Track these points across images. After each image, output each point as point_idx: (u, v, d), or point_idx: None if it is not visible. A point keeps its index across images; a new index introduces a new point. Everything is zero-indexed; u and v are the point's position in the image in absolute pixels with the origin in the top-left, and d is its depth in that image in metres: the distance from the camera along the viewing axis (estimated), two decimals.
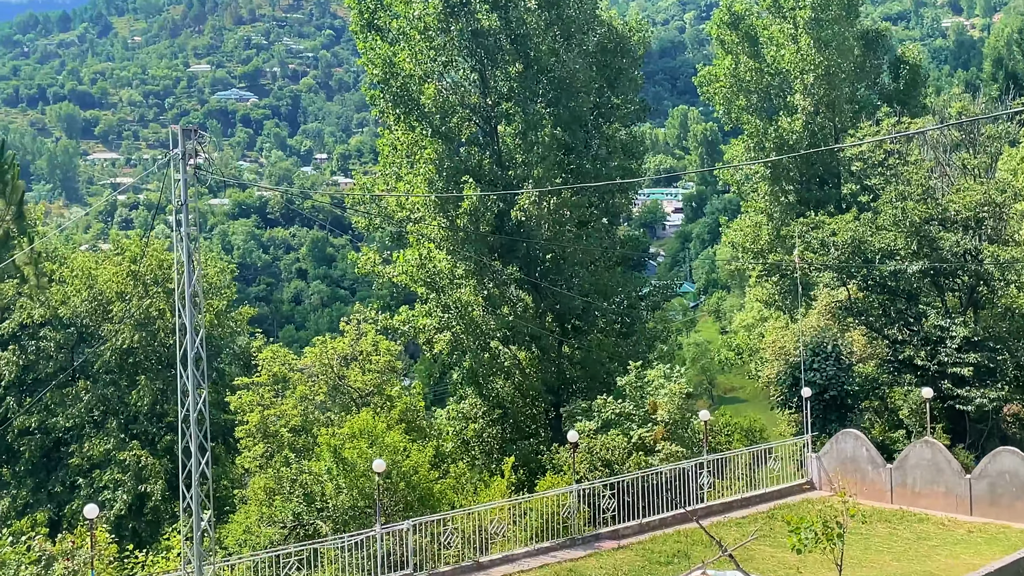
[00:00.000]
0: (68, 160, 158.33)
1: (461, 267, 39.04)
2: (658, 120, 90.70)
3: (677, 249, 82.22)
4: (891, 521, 26.72)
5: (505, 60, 39.95)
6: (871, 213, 37.48)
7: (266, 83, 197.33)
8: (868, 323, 36.77)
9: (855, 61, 43.52)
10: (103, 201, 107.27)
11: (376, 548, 22.21)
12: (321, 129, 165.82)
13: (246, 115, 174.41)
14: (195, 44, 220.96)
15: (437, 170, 38.82)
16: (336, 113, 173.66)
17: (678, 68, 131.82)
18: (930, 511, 27.39)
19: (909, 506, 27.91)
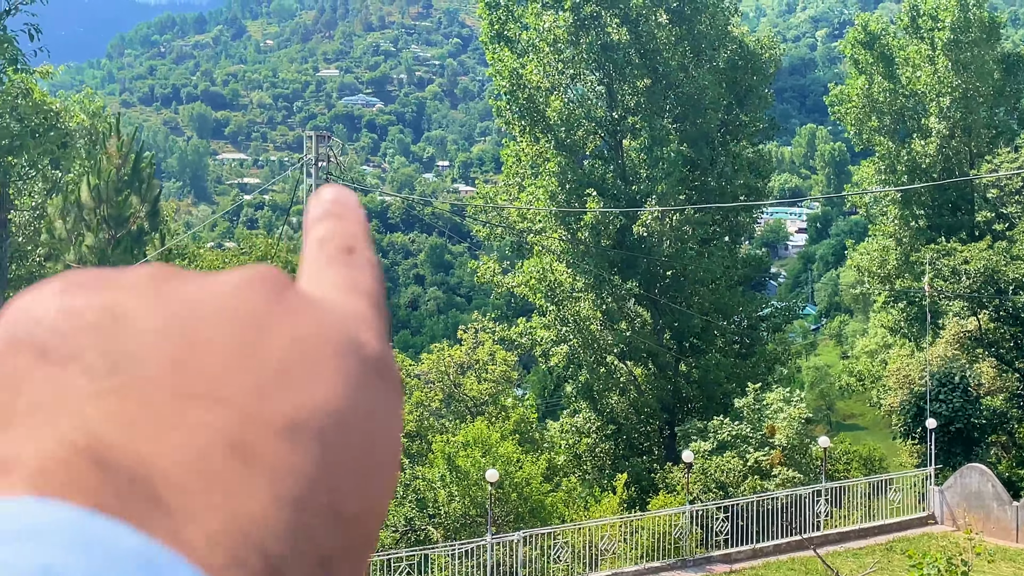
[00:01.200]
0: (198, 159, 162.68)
1: (581, 280, 38.96)
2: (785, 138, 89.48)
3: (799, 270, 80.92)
4: (1016, 561, 25.91)
5: (633, 74, 39.79)
6: (1006, 242, 36.43)
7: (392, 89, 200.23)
8: (998, 355, 35.74)
9: (994, 85, 42.28)
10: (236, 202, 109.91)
11: (486, 557, 22.28)
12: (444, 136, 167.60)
13: (371, 120, 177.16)
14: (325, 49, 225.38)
15: (560, 183, 38.86)
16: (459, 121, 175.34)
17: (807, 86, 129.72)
18: None
19: None
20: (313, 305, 0.49)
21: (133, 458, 0.37)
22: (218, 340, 0.44)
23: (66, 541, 0.29)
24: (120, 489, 0.35)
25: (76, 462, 0.35)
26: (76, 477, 0.35)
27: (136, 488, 0.35)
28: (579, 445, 38.44)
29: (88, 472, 0.35)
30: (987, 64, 41.86)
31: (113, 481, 0.35)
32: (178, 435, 0.39)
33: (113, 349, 0.42)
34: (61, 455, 0.35)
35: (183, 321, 0.44)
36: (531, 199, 39.43)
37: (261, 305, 0.47)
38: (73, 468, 0.35)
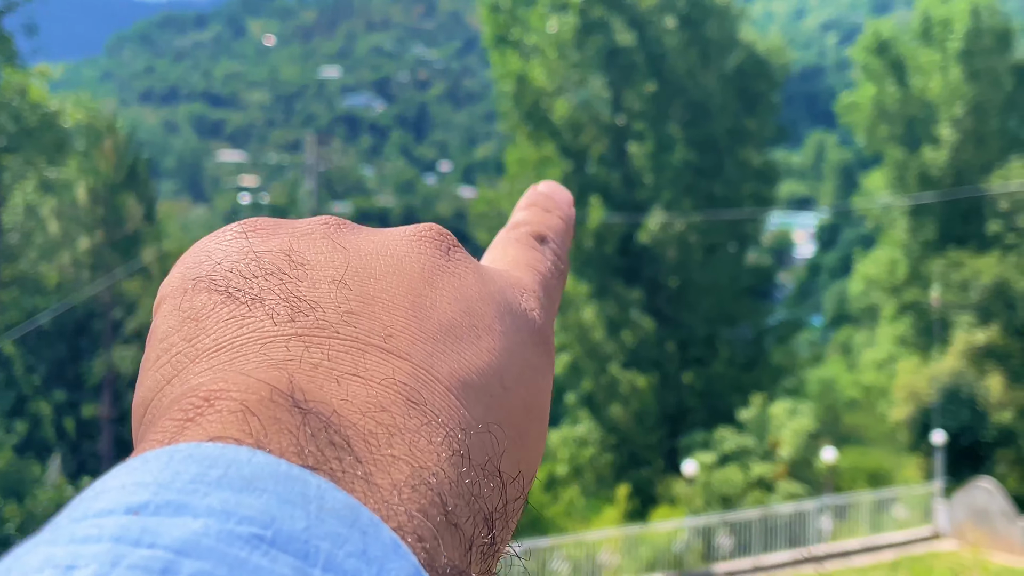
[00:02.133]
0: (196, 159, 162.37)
1: (584, 288, 38.55)
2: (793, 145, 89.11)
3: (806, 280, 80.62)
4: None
5: (640, 79, 39.44)
6: (1017, 255, 36.08)
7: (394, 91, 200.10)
8: (1008, 369, 35.34)
9: (1007, 94, 41.87)
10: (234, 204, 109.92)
11: None
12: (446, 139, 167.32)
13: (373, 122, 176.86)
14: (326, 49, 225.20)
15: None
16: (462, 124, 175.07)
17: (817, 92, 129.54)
18: None
19: None
20: (481, 268, 0.50)
21: (323, 403, 0.37)
22: (390, 293, 0.45)
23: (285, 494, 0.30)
24: (316, 434, 0.35)
25: (277, 402, 0.36)
26: (279, 418, 0.35)
27: (330, 434, 0.36)
28: (581, 456, 37.99)
29: (288, 415, 0.36)
30: (1000, 73, 41.49)
31: (310, 425, 0.35)
32: (359, 384, 0.40)
33: (294, 294, 0.43)
34: (263, 394, 0.36)
35: (357, 272, 0.45)
36: None
37: (430, 261, 0.48)
38: (275, 409, 0.36)
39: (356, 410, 0.38)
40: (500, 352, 0.46)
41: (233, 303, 0.43)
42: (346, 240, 0.48)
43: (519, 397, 0.46)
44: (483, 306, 0.47)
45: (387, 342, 0.42)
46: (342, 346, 0.41)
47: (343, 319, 0.43)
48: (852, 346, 54.86)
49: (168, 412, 0.37)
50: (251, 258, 0.46)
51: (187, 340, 0.43)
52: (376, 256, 0.47)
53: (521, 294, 0.51)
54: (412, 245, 0.49)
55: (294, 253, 0.46)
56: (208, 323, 0.43)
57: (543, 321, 0.51)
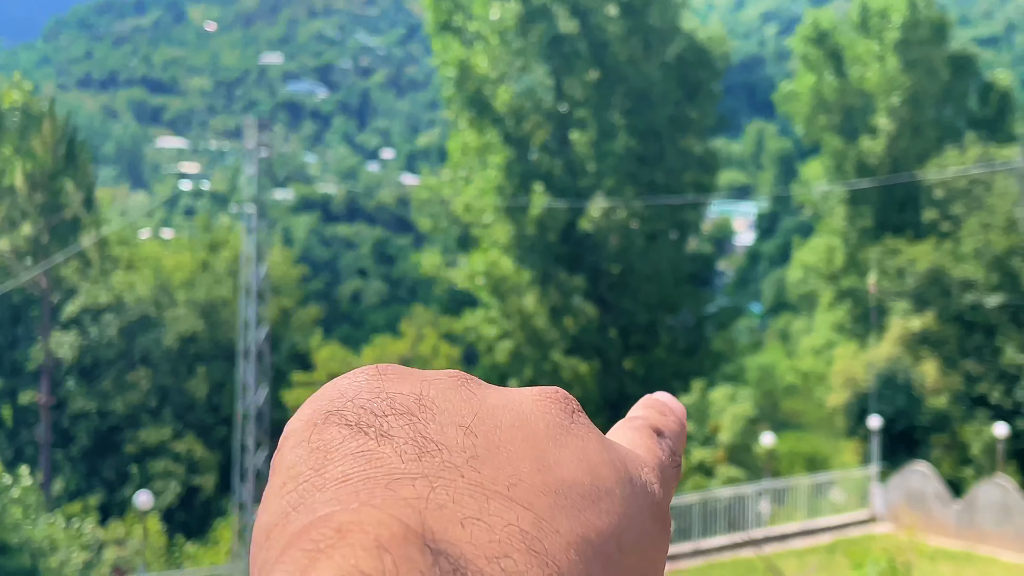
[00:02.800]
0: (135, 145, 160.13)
1: (527, 275, 38.59)
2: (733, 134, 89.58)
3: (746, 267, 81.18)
4: (957, 561, 25.95)
5: (582, 67, 39.50)
6: (952, 242, 36.55)
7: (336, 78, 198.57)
8: (942, 355, 35.83)
9: (942, 84, 42.45)
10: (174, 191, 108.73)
11: None
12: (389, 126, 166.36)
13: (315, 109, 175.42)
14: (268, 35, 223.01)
15: (506, 175, 38.48)
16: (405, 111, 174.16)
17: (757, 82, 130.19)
18: (998, 553, 26.55)
19: (977, 546, 27.07)
20: (603, 438, 0.52)
21: (451, 545, 0.38)
22: (515, 445, 0.46)
23: None
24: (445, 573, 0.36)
25: (410, 540, 0.37)
26: (411, 557, 0.36)
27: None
28: None
29: (420, 554, 0.36)
30: (936, 63, 42.00)
31: (440, 567, 0.36)
32: (483, 528, 0.40)
33: (422, 435, 0.44)
34: (395, 530, 0.37)
35: (484, 421, 0.47)
36: (477, 192, 39.04)
37: (555, 421, 0.49)
38: (407, 547, 0.36)
39: (481, 555, 0.38)
40: (619, 516, 0.46)
41: (363, 437, 0.44)
42: (473, 392, 0.50)
43: (633, 563, 0.46)
44: (605, 470, 0.48)
45: (510, 490, 0.43)
46: (467, 490, 0.42)
47: (468, 463, 0.43)
48: (790, 333, 55.45)
49: (298, 542, 0.37)
50: (383, 397, 0.47)
51: (314, 470, 0.43)
52: (503, 409, 0.48)
53: (641, 467, 0.52)
54: (537, 404, 0.50)
55: (425, 398, 0.47)
56: (336, 455, 0.43)
57: (661, 496, 0.52)
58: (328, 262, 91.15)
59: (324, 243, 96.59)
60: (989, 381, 34.68)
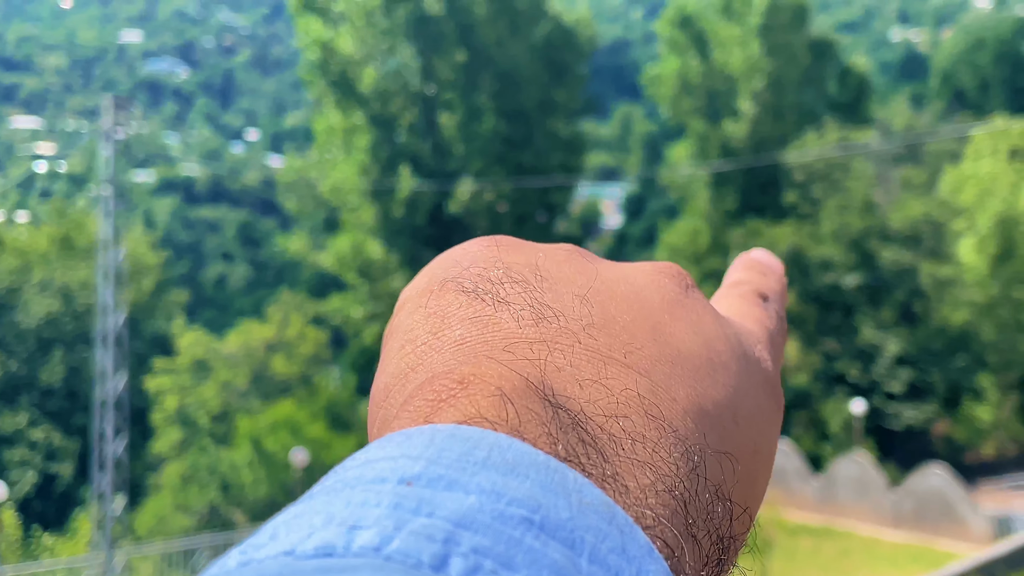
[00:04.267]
0: None
1: (395, 257, 38.29)
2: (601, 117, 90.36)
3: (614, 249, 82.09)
4: (817, 535, 26.66)
5: (449, 48, 39.28)
6: (811, 223, 37.40)
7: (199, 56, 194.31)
8: (803, 334, 36.68)
9: (803, 69, 43.40)
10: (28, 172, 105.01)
11: None
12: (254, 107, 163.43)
13: (177, 88, 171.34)
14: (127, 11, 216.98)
15: (373, 157, 38.09)
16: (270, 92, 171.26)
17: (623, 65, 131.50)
18: (856, 526, 27.35)
19: (835, 520, 27.85)
20: (716, 312, 0.52)
21: (571, 402, 0.39)
22: (631, 315, 0.46)
23: (546, 483, 0.32)
24: (567, 429, 0.37)
25: (530, 394, 0.37)
26: (532, 408, 0.37)
27: (579, 432, 0.37)
28: None
29: (541, 407, 0.37)
30: (797, 48, 42.89)
31: (561, 420, 0.37)
32: (602, 390, 0.40)
33: (539, 302, 0.45)
34: (517, 383, 0.38)
35: (599, 292, 0.47)
36: (344, 174, 38.58)
37: (670, 294, 0.49)
38: (529, 399, 0.37)
39: (600, 412, 0.39)
40: (734, 389, 0.46)
41: (480, 303, 0.45)
42: (588, 264, 0.50)
43: (749, 437, 0.46)
44: (720, 344, 0.48)
45: (627, 358, 0.43)
46: (584, 355, 0.42)
47: (585, 331, 0.44)
48: None
49: (420, 393, 0.38)
50: (499, 266, 0.48)
51: (432, 333, 0.44)
52: (617, 281, 0.49)
53: (755, 342, 0.52)
54: (652, 277, 0.51)
55: (540, 268, 0.48)
56: (454, 320, 0.44)
57: (773, 371, 0.52)
58: (192, 245, 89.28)
59: (187, 226, 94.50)
60: (847, 359, 35.63)
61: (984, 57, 76.19)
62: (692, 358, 0.46)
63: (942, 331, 35.28)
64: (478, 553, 0.28)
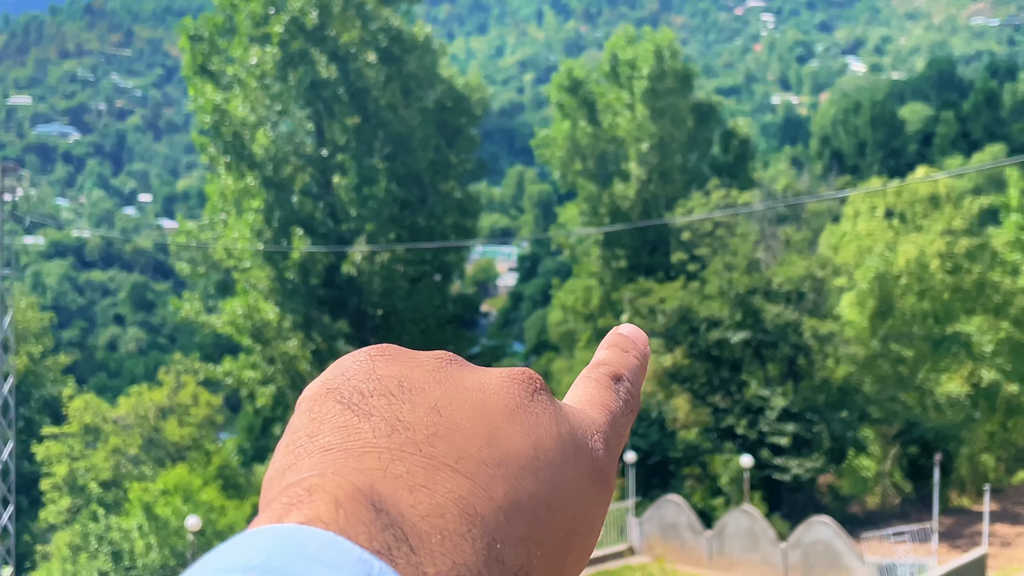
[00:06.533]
0: None
1: (288, 320, 38.19)
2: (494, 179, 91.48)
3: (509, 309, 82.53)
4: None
5: (342, 112, 39.57)
6: (698, 282, 38.16)
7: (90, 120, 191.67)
8: (693, 390, 37.32)
9: (688, 132, 44.55)
10: None
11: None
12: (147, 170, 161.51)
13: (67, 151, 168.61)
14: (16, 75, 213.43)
15: (266, 219, 38.06)
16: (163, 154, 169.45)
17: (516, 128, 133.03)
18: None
19: (726, 574, 28.26)
20: (559, 411, 0.61)
21: (393, 506, 0.48)
22: (473, 422, 0.55)
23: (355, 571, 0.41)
24: (384, 528, 0.46)
25: (360, 500, 0.46)
26: (359, 512, 0.46)
27: (395, 530, 0.46)
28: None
29: (367, 511, 0.46)
30: (681, 112, 44.01)
31: (381, 521, 0.46)
32: (426, 494, 0.50)
33: (395, 415, 0.55)
34: (350, 492, 0.46)
35: (451, 402, 0.56)
36: (236, 236, 38.45)
37: (514, 400, 0.58)
38: (357, 505, 0.46)
39: (419, 515, 0.49)
40: (554, 482, 0.55)
41: (350, 414, 0.55)
42: (452, 374, 0.59)
43: (564, 520, 0.56)
44: (550, 443, 0.57)
45: (458, 463, 0.52)
46: (421, 462, 0.52)
47: (428, 440, 0.53)
48: (552, 372, 56.68)
49: (280, 496, 0.47)
50: (373, 379, 0.57)
51: (309, 437, 0.55)
52: (471, 390, 0.58)
53: (591, 434, 0.61)
54: (503, 384, 0.59)
55: (405, 380, 0.58)
56: (327, 427, 0.55)
57: (604, 459, 0.61)
58: (83, 309, 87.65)
59: (78, 289, 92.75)
60: (735, 414, 36.30)
61: (860, 119, 78.99)
62: (519, 458, 0.55)
63: (825, 385, 36.20)
64: None
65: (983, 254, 38.90)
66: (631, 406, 0.67)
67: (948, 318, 38.67)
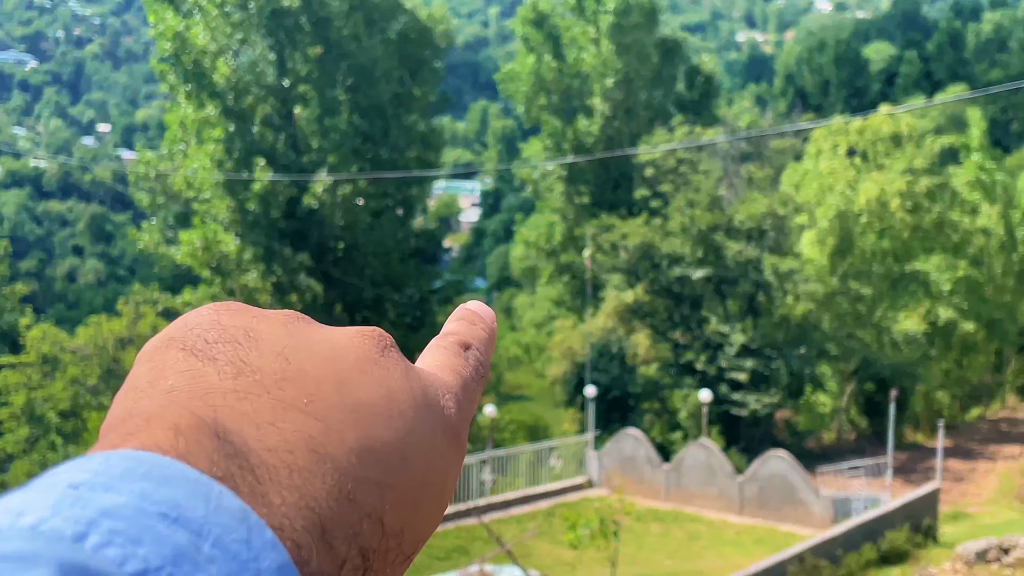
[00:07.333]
0: None
1: (249, 252, 37.96)
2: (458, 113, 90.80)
3: (471, 244, 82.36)
4: (665, 520, 27.33)
5: (304, 42, 39.10)
6: (661, 219, 38.21)
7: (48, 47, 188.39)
8: (653, 326, 37.48)
9: (653, 68, 44.40)
10: None
11: None
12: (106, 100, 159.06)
13: (24, 80, 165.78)
14: None
15: (227, 150, 37.70)
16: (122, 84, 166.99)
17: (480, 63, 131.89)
18: (703, 511, 28.13)
19: (684, 506, 28.60)
20: (410, 368, 0.60)
21: (239, 437, 0.47)
22: (322, 370, 0.55)
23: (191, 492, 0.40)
24: (228, 457, 0.45)
25: (202, 430, 0.45)
26: (200, 440, 0.44)
27: (239, 460, 0.45)
28: None
29: (208, 439, 0.45)
30: (647, 48, 43.83)
31: (225, 450, 0.45)
32: (275, 431, 0.49)
33: (241, 360, 0.54)
34: (192, 421, 0.46)
35: (300, 351, 0.55)
36: (196, 167, 38.08)
37: (365, 354, 0.58)
38: (199, 434, 0.45)
39: (266, 448, 0.48)
40: (406, 432, 0.55)
41: (193, 359, 0.53)
42: (300, 328, 0.59)
43: (418, 471, 0.55)
44: (402, 396, 0.56)
45: (308, 406, 0.52)
46: (269, 403, 0.51)
47: (276, 384, 0.52)
48: (514, 308, 56.76)
49: (117, 428, 0.46)
50: (218, 328, 0.56)
51: (150, 383, 0.53)
52: (320, 342, 0.57)
53: (442, 394, 0.60)
54: (353, 339, 0.58)
55: (252, 330, 0.56)
56: (169, 372, 0.53)
57: (457, 418, 0.60)
58: (41, 239, 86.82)
59: (36, 220, 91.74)
60: (695, 350, 36.56)
61: (825, 58, 78.95)
62: (371, 407, 0.54)
63: (784, 322, 36.46)
64: (113, 532, 0.36)
65: (943, 194, 39.20)
66: (480, 373, 0.67)
67: (907, 257, 39.04)
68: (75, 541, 0.35)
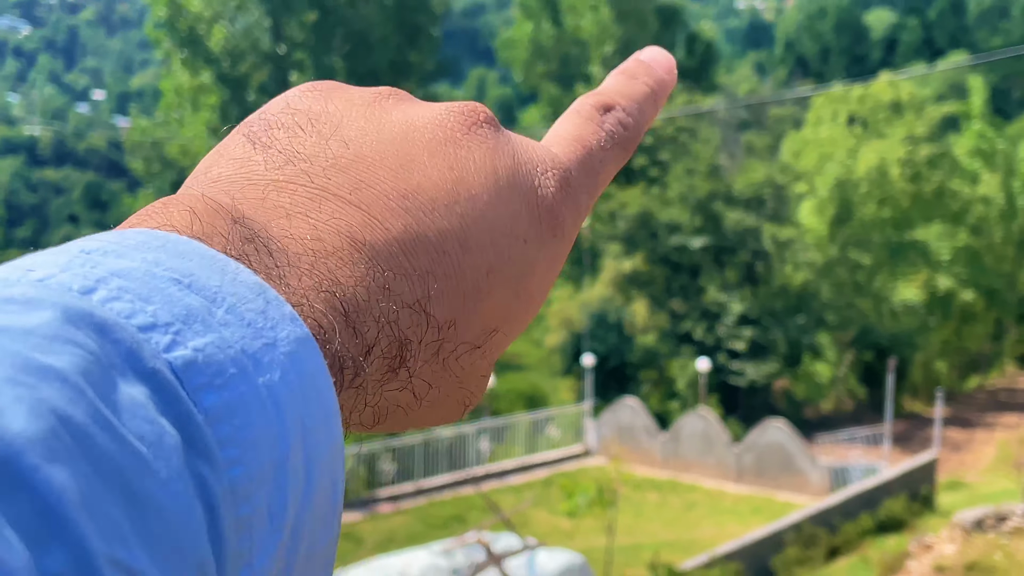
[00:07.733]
0: None
1: None
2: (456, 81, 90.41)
3: None
4: (663, 489, 27.30)
5: (300, 8, 38.82)
6: (659, 187, 38.03)
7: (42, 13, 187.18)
8: (651, 295, 37.36)
9: (652, 34, 44.08)
10: None
11: None
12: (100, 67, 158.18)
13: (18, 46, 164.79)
14: None
15: (222, 117, 37.49)
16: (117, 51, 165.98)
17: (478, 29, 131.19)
18: (700, 480, 28.10)
19: (681, 475, 28.56)
20: (503, 145, 0.52)
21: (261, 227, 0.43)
22: (384, 155, 0.48)
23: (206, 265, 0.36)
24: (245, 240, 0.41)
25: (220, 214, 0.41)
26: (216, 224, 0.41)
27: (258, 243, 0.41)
28: None
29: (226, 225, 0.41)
30: (646, 14, 43.53)
31: (242, 234, 0.41)
32: (305, 221, 0.44)
33: (294, 148, 0.48)
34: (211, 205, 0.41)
35: (365, 135, 0.49)
36: (192, 135, 37.88)
37: (444, 133, 0.51)
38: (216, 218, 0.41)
39: (289, 236, 0.43)
40: (472, 218, 0.48)
41: (250, 147, 0.49)
42: (384, 108, 0.52)
43: (482, 260, 0.48)
44: (478, 178, 0.49)
45: (352, 194, 0.46)
46: (308, 193, 0.45)
47: (323, 172, 0.47)
48: None
49: (138, 213, 0.43)
50: (287, 112, 0.51)
51: (204, 170, 0.49)
52: (396, 123, 0.50)
53: (542, 171, 0.52)
54: (437, 116, 0.51)
55: (322, 114, 0.50)
56: (223, 159, 0.49)
57: (555, 198, 0.52)
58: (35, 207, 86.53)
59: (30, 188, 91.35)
60: (693, 319, 36.46)
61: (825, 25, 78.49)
62: (431, 191, 0.47)
63: (783, 291, 36.37)
64: (122, 289, 0.34)
65: (943, 162, 38.99)
66: (619, 139, 0.57)
67: (907, 225, 38.87)
68: (82, 294, 0.33)
